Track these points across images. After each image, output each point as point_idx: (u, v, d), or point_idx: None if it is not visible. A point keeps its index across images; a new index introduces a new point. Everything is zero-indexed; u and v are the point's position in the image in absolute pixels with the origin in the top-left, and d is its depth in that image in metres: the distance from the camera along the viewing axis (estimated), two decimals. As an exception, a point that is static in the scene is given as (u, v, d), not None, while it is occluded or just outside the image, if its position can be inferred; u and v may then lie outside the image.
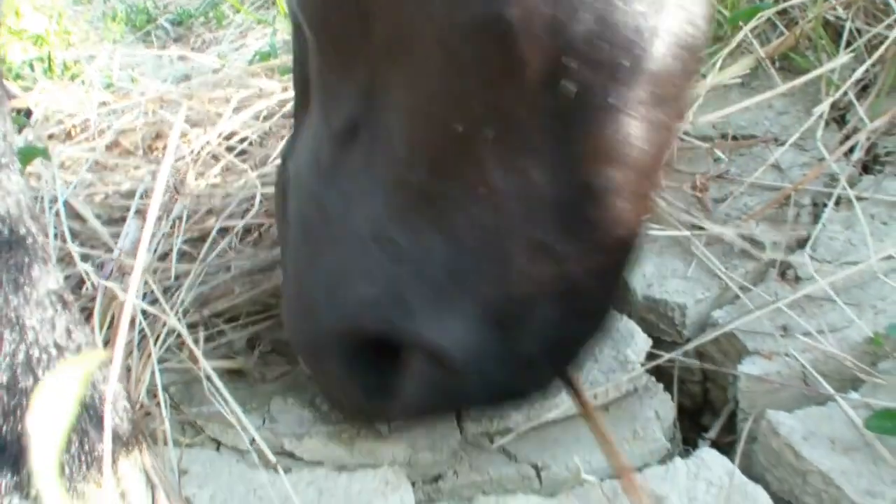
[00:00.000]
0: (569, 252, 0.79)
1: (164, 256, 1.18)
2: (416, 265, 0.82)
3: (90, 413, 0.66)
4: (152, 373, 1.00)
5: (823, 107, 1.38)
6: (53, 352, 0.67)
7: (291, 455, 0.97)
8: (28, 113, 1.79)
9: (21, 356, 0.64)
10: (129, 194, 1.38)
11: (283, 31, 2.46)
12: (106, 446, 0.61)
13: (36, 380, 0.65)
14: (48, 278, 0.68)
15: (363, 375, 0.88)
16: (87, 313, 1.00)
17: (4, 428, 0.62)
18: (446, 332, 0.81)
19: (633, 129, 0.73)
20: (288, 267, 0.96)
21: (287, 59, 1.96)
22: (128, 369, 0.98)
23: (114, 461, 0.65)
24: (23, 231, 0.67)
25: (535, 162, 0.75)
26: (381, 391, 0.87)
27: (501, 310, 0.81)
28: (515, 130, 0.74)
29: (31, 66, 2.17)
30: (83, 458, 0.64)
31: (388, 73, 0.80)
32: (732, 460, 0.93)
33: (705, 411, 1.15)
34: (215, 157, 1.58)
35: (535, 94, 0.72)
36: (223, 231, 1.31)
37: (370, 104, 0.83)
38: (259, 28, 2.80)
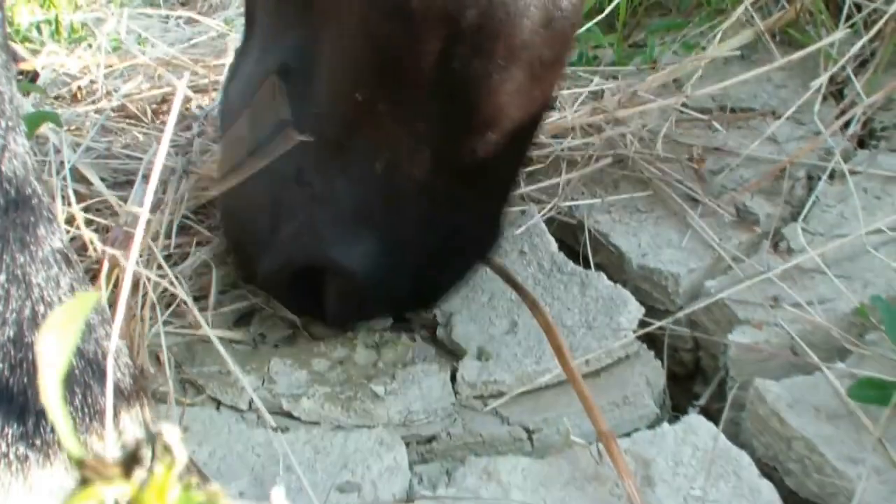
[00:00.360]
0: (452, 195, 0.97)
1: (168, 223, 1.19)
2: (328, 204, 0.97)
3: (93, 368, 0.68)
4: (155, 334, 1.02)
5: (821, 81, 1.39)
6: (58, 308, 0.69)
7: (289, 415, 0.99)
8: (35, 76, 1.79)
9: (27, 312, 0.66)
10: (136, 159, 1.38)
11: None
12: (108, 399, 0.63)
13: (41, 335, 0.67)
14: (53, 237, 0.69)
15: (298, 297, 1.06)
16: (91, 275, 1.02)
17: (11, 380, 0.64)
18: (352, 257, 0.97)
19: (508, 101, 0.89)
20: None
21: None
22: (130, 335, 1.00)
23: (115, 415, 0.67)
24: (28, 191, 0.68)
25: (428, 125, 0.91)
26: (315, 306, 1.05)
27: (397, 240, 0.98)
28: (414, 98, 0.90)
29: (39, 29, 2.17)
30: (86, 411, 0.67)
31: (320, 32, 0.94)
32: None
33: (697, 379, 1.17)
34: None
35: (430, 70, 0.86)
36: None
37: (302, 57, 0.96)
38: (265, -6, 2.78)
